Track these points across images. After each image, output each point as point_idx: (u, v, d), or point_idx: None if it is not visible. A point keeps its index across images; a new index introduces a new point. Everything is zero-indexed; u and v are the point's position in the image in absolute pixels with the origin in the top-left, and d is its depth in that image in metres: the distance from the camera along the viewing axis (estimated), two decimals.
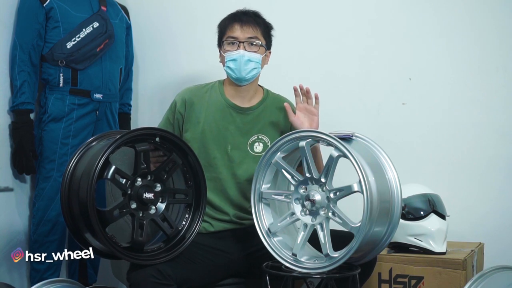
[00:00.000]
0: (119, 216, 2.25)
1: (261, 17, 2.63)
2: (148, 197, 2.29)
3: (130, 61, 3.39)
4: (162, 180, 2.35)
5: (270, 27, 2.64)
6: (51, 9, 3.01)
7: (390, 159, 2.32)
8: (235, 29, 2.57)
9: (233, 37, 2.57)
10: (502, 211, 3.02)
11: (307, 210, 2.27)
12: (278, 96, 2.71)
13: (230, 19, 2.61)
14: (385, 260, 2.66)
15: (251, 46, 2.56)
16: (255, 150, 2.59)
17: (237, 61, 2.55)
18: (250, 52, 2.55)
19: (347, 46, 3.24)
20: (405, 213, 2.69)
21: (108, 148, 2.20)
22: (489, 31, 3.05)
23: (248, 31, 2.56)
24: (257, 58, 2.56)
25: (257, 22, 2.59)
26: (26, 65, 3.00)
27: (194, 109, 2.60)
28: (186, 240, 2.36)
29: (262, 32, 2.60)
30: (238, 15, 2.61)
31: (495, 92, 3.04)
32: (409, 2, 3.18)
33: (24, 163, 3.02)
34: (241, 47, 2.55)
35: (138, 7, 3.51)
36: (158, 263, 2.27)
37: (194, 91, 2.66)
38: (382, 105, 3.19)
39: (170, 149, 2.38)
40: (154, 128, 2.38)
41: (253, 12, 2.63)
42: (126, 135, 2.25)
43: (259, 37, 2.58)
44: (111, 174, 2.21)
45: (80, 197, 2.22)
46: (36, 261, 3.04)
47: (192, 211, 2.41)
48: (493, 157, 3.04)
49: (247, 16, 2.59)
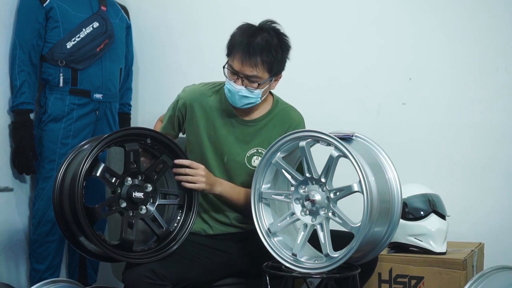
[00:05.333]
0: (107, 213, 2.26)
1: (271, 47, 2.36)
2: (138, 197, 2.28)
3: (130, 61, 3.39)
4: (153, 181, 2.34)
5: (282, 57, 2.39)
6: (51, 9, 3.01)
7: (390, 159, 2.32)
8: (236, 60, 2.36)
9: (233, 69, 2.38)
10: (502, 211, 3.02)
11: (307, 210, 2.27)
12: (287, 108, 2.56)
13: (238, 43, 2.37)
14: (385, 260, 2.66)
15: (250, 82, 2.38)
16: (253, 164, 2.50)
17: (232, 93, 2.40)
18: (248, 88, 2.38)
19: (347, 46, 3.24)
20: (405, 213, 2.69)
21: (95, 147, 2.19)
22: (489, 31, 3.05)
23: (248, 69, 2.35)
24: (255, 94, 2.39)
25: (262, 59, 2.34)
26: (26, 65, 3.00)
27: (195, 114, 2.52)
28: (177, 240, 2.34)
29: (268, 68, 2.36)
30: (246, 42, 2.35)
31: (495, 92, 3.04)
32: (410, 2, 3.17)
33: (24, 163, 3.02)
34: (239, 81, 2.37)
35: (138, 7, 3.51)
36: (146, 262, 2.24)
37: (198, 94, 2.54)
38: (382, 105, 3.19)
39: (161, 151, 2.37)
40: (144, 129, 2.36)
41: (264, 41, 2.35)
42: (114, 135, 2.25)
43: (261, 75, 2.37)
44: (100, 171, 2.22)
45: (69, 195, 2.21)
46: (36, 261, 3.07)
47: (184, 213, 2.39)
48: (493, 157, 3.04)
49: (254, 49, 2.34)
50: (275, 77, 2.44)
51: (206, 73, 3.20)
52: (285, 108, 2.56)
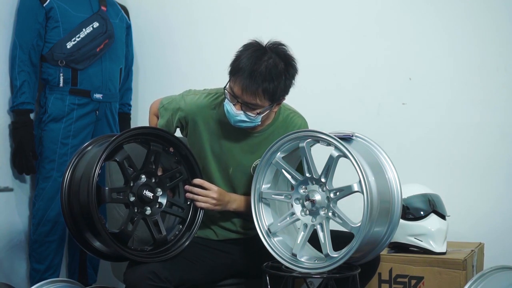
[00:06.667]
0: (114, 199, 2.26)
1: (274, 78, 2.26)
2: (148, 196, 2.29)
3: (130, 61, 3.39)
4: (164, 187, 2.35)
5: (287, 84, 2.31)
6: (51, 9, 3.01)
7: (390, 159, 2.32)
8: (237, 86, 2.28)
9: (233, 93, 2.30)
10: (502, 211, 3.02)
11: (307, 210, 2.27)
12: (291, 114, 2.50)
13: (242, 68, 2.26)
14: (385, 260, 2.66)
15: (249, 109, 2.31)
16: None
17: (230, 114, 2.33)
18: (246, 114, 2.32)
19: (347, 46, 3.24)
20: (405, 213, 2.69)
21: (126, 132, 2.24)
22: (489, 31, 3.05)
23: (248, 98, 2.27)
24: (253, 119, 2.33)
25: (264, 88, 2.26)
26: (26, 65, 3.00)
27: (198, 128, 2.46)
28: (169, 253, 2.32)
29: (270, 97, 2.28)
30: (249, 70, 2.25)
31: (495, 92, 3.04)
32: (410, 3, 3.17)
33: (24, 163, 3.02)
34: (238, 106, 2.31)
35: (138, 7, 3.51)
36: (139, 260, 2.23)
37: (201, 108, 2.46)
38: (382, 105, 3.19)
39: (179, 161, 2.39)
40: (175, 137, 2.38)
41: (269, 71, 2.26)
42: (149, 129, 2.33)
43: (262, 103, 2.29)
44: (121, 157, 2.23)
45: (85, 172, 2.21)
46: (36, 261, 3.07)
47: (184, 229, 2.39)
48: (493, 157, 3.04)
49: (256, 79, 2.24)
50: (277, 102, 2.37)
51: (206, 73, 3.21)
52: (288, 115, 2.50)
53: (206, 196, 2.38)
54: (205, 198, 2.38)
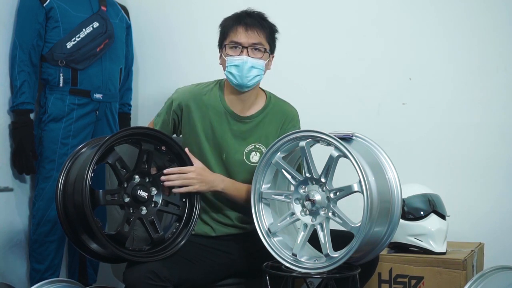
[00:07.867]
0: (109, 201, 2.26)
1: (266, 20, 2.50)
2: (142, 196, 2.29)
3: (130, 61, 3.39)
4: (159, 186, 2.35)
5: (275, 30, 2.52)
6: (51, 9, 3.01)
7: (390, 159, 2.32)
8: (239, 33, 2.45)
9: (236, 42, 2.45)
10: (502, 211, 3.02)
11: (307, 210, 2.27)
12: (281, 102, 2.60)
13: (234, 21, 2.48)
14: (385, 260, 2.66)
15: (255, 51, 2.45)
16: (251, 160, 2.51)
17: (239, 67, 2.43)
18: (253, 58, 2.44)
19: (347, 46, 3.24)
20: (405, 213, 2.69)
21: (116, 134, 2.23)
22: (489, 31, 3.05)
23: (253, 36, 2.44)
24: (260, 64, 2.45)
25: (262, 26, 2.47)
26: (26, 65, 3.00)
27: (191, 114, 2.52)
28: (167, 251, 2.33)
29: (267, 37, 2.47)
30: (243, 17, 2.47)
31: (495, 92, 3.04)
32: (410, 2, 3.18)
33: (24, 163, 3.02)
34: (244, 52, 2.44)
35: (138, 7, 3.51)
36: (137, 261, 2.24)
37: (193, 94, 2.55)
38: (382, 105, 3.19)
39: (172, 160, 2.39)
40: (166, 135, 2.38)
41: (258, 14, 2.50)
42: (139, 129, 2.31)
43: (264, 43, 2.46)
44: (113, 159, 2.24)
45: (78, 176, 2.21)
46: (36, 261, 3.07)
47: (181, 227, 2.39)
48: (493, 157, 3.04)
49: (252, 19, 2.47)
50: (271, 53, 2.52)
51: (206, 73, 3.20)
52: (279, 103, 2.59)
53: (185, 179, 2.39)
54: (186, 181, 2.39)
